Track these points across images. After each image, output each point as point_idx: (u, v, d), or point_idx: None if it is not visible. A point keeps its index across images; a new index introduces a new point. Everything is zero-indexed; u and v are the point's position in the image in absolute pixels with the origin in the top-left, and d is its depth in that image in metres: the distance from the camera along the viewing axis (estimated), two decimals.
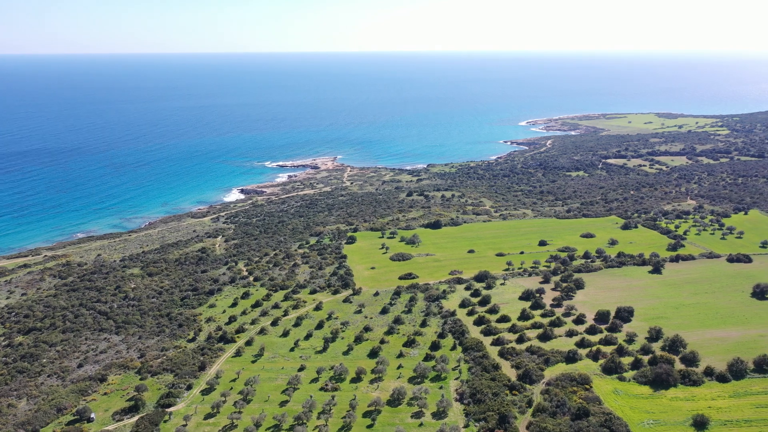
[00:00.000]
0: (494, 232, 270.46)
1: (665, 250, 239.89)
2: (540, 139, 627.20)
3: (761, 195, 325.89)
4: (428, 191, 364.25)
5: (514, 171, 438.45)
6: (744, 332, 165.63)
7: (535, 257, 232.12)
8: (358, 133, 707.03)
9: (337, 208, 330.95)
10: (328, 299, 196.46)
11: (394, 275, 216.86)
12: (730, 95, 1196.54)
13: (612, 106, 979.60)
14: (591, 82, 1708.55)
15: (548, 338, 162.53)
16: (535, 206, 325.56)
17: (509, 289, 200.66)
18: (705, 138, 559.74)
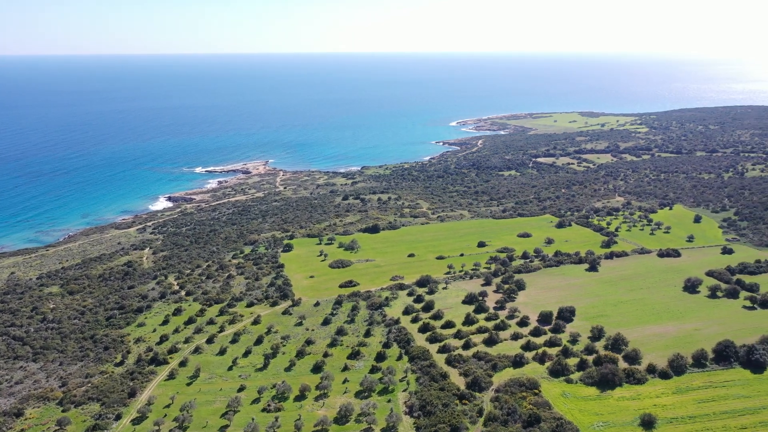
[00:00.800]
0: (433, 235, 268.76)
1: (599, 247, 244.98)
2: (471, 139, 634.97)
3: (683, 190, 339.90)
4: (364, 194, 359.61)
5: (448, 171, 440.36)
6: (680, 327, 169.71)
7: (476, 259, 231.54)
8: (290, 135, 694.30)
9: (272, 214, 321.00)
10: (267, 312, 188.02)
11: (335, 283, 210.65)
12: (645, 94, 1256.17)
13: (538, 105, 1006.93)
14: (518, 82, 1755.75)
15: (494, 343, 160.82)
16: (472, 207, 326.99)
17: (452, 293, 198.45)
18: (627, 136, 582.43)
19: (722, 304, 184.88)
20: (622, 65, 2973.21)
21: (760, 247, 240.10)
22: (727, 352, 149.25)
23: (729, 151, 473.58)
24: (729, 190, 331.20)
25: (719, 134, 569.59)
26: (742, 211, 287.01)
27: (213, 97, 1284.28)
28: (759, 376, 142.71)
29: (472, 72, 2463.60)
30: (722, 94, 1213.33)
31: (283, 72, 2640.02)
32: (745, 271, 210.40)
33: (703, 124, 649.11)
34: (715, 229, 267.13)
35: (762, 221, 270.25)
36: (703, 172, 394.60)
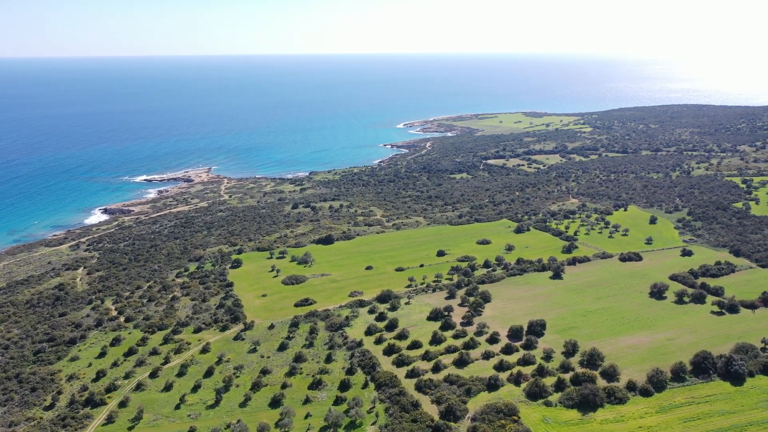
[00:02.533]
0: (390, 245, 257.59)
1: (560, 252, 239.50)
2: (419, 142, 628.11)
3: (635, 191, 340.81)
4: (315, 202, 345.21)
5: (399, 176, 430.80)
6: (652, 337, 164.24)
7: (436, 270, 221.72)
8: (236, 140, 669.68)
9: (217, 226, 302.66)
10: (217, 338, 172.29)
11: (289, 302, 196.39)
12: (585, 94, 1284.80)
13: (483, 106, 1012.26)
14: (463, 83, 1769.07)
15: (465, 363, 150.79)
16: (427, 213, 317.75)
17: (415, 308, 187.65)
18: (573, 136, 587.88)
19: (690, 310, 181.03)
20: (561, 66, 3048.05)
21: (717, 247, 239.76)
22: (706, 364, 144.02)
23: (672, 150, 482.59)
24: (679, 190, 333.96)
25: (661, 133, 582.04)
26: (695, 211, 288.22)
27: (161, 101, 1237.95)
28: (739, 388, 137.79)
29: (416, 73, 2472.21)
30: (658, 93, 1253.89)
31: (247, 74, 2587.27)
32: (707, 273, 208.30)
33: (644, 123, 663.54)
34: (671, 230, 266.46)
35: (715, 221, 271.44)
36: (651, 171, 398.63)
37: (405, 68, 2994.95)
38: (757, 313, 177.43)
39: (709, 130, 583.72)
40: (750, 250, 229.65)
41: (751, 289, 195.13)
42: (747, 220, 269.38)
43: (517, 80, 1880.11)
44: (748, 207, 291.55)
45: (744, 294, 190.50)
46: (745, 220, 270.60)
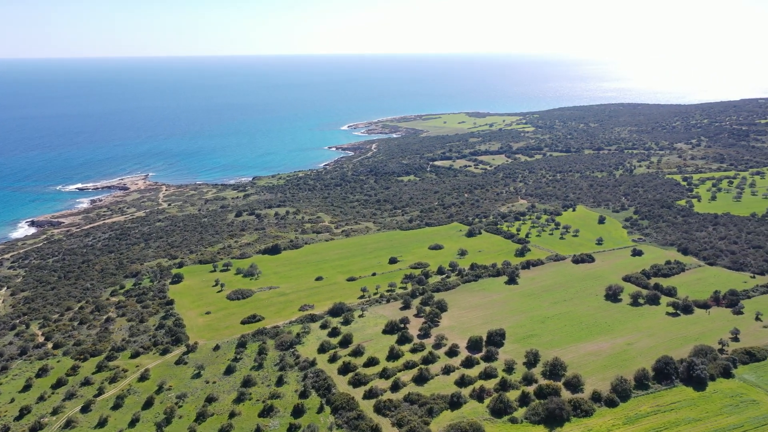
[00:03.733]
0: (340, 253, 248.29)
1: (514, 255, 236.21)
2: (364, 144, 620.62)
3: (581, 190, 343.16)
4: (259, 209, 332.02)
5: (346, 179, 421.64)
6: (612, 342, 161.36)
7: (389, 278, 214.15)
8: (177, 144, 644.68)
9: (156, 237, 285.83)
10: (157, 363, 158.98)
11: (236, 319, 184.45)
12: (526, 93, 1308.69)
13: (427, 106, 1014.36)
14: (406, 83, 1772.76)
15: (425, 380, 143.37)
16: (376, 218, 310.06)
17: (370, 321, 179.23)
18: (517, 136, 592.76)
19: (647, 313, 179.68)
20: (499, 65, 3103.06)
21: (665, 246, 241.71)
22: (668, 370, 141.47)
23: (614, 149, 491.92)
24: (624, 189, 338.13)
25: (601, 132, 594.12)
26: (641, 209, 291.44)
27: (105, 103, 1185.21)
28: (702, 393, 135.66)
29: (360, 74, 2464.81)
30: (594, 92, 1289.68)
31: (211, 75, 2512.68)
32: (659, 273, 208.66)
33: (584, 122, 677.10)
34: (620, 230, 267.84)
35: (661, 219, 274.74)
36: (595, 170, 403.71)
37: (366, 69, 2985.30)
38: (710, 312, 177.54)
39: (647, 128, 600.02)
40: (697, 248, 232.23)
41: (702, 288, 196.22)
42: (691, 218, 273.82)
43: (459, 80, 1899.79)
44: (691, 205, 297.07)
45: (696, 293, 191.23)
46: (690, 217, 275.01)
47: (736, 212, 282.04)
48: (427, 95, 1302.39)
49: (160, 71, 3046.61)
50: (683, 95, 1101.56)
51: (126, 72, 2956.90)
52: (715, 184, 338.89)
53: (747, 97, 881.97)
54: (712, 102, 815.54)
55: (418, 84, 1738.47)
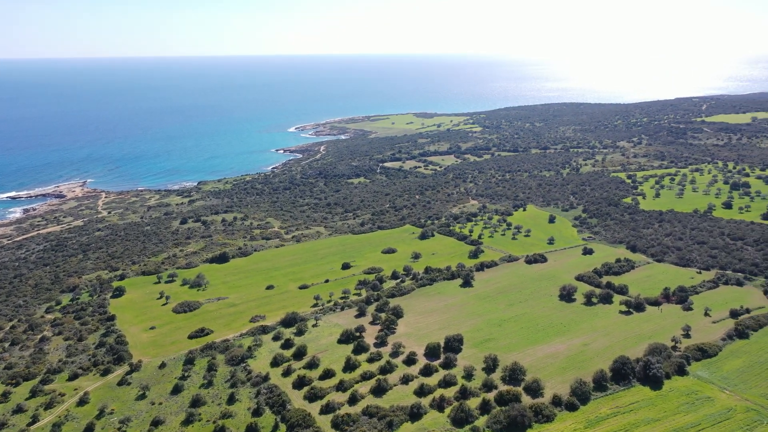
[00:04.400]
0: (291, 259, 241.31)
1: (467, 257, 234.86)
2: (313, 146, 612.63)
3: (530, 189, 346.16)
4: (206, 215, 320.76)
5: (294, 182, 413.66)
6: (569, 343, 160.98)
7: (343, 285, 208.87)
8: (118, 149, 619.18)
9: (95, 248, 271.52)
10: (97, 385, 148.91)
11: (182, 334, 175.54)
12: (471, 94, 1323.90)
13: (375, 107, 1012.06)
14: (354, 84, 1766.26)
15: (384, 391, 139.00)
16: (327, 222, 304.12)
17: (324, 330, 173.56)
18: (465, 136, 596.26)
19: (600, 312, 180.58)
20: (446, 66, 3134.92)
21: (614, 244, 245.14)
22: (625, 370, 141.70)
23: (559, 148, 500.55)
24: (572, 188, 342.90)
25: (546, 131, 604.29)
26: (589, 208, 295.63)
27: (46, 106, 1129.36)
28: (659, 392, 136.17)
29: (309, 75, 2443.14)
30: (538, 92, 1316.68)
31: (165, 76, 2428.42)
32: (610, 272, 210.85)
33: (530, 122, 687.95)
34: (570, 229, 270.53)
35: (609, 217, 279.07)
36: (543, 169, 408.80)
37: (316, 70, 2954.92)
38: (662, 310, 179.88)
39: (590, 127, 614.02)
40: (645, 245, 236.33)
41: (652, 285, 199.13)
42: (638, 215, 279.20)
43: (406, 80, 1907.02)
44: (636, 202, 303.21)
45: (646, 290, 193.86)
46: (636, 215, 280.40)
47: (680, 209, 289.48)
48: (375, 96, 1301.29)
49: (111, 73, 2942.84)
50: (622, 94, 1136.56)
51: (73, 74, 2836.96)
52: (658, 182, 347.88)
53: (682, 96, 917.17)
54: (650, 101, 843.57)
55: (366, 84, 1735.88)
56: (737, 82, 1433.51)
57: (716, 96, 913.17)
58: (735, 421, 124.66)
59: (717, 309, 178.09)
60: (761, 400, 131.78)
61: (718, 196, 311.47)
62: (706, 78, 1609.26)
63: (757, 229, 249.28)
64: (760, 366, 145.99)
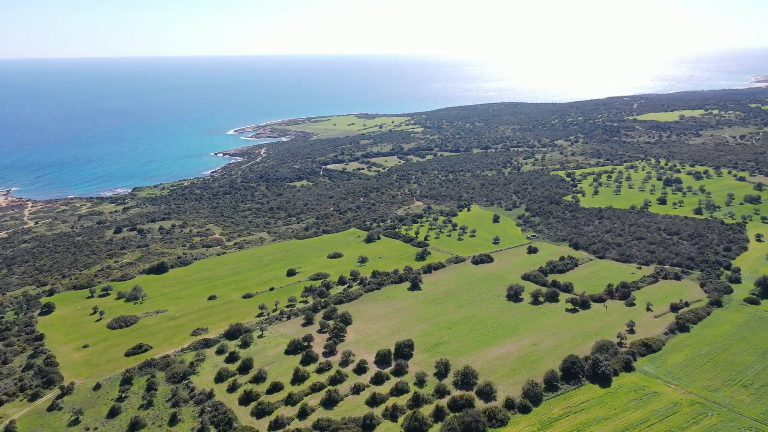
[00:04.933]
0: (234, 267, 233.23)
1: (414, 260, 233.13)
2: (253, 148, 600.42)
3: (474, 189, 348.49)
4: (141, 223, 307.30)
5: (235, 187, 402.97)
6: (518, 344, 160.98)
7: (289, 292, 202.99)
8: (47, 155, 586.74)
9: (21, 261, 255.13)
10: (24, 411, 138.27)
11: (119, 351, 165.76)
12: (412, 94, 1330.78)
13: (315, 109, 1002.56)
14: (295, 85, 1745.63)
15: (334, 402, 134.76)
16: (270, 227, 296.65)
17: (271, 341, 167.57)
18: (407, 137, 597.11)
19: (548, 311, 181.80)
20: (386, 66, 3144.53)
21: (557, 242, 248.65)
22: (575, 369, 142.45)
23: (500, 147, 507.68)
24: (514, 187, 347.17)
25: (487, 131, 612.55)
26: (532, 206, 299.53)
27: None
28: (608, 390, 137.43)
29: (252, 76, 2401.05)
30: (477, 92, 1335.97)
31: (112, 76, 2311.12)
32: (555, 270, 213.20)
33: (470, 122, 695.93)
34: (514, 228, 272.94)
35: (551, 215, 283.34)
36: (485, 169, 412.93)
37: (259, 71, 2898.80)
38: (606, 306, 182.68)
39: (528, 126, 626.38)
40: (586, 242, 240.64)
41: (595, 282, 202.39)
42: (578, 213, 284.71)
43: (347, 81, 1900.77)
44: (577, 200, 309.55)
45: (591, 287, 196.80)
46: (577, 212, 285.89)
47: (618, 205, 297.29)
48: (316, 97, 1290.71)
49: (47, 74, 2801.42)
50: (558, 94, 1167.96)
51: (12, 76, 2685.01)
52: (596, 179, 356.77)
53: (614, 95, 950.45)
54: (584, 100, 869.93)
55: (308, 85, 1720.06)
56: (664, 81, 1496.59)
57: (646, 95, 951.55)
58: (681, 415, 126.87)
59: (658, 303, 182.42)
60: (704, 392, 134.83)
61: (653, 192, 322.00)
62: (635, 77, 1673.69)
63: (690, 223, 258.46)
64: (701, 359, 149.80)
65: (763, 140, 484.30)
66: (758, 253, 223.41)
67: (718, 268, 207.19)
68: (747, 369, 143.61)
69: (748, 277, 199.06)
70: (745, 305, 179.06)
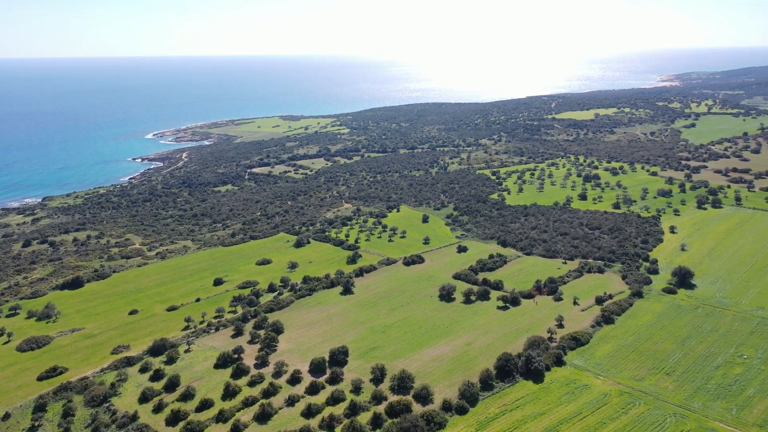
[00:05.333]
0: (156, 279, 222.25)
1: (346, 263, 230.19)
2: (174, 153, 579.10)
3: (402, 190, 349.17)
4: (54, 235, 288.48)
5: (156, 193, 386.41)
6: (453, 344, 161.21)
7: (216, 303, 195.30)
8: None
9: None
10: None
11: (30, 375, 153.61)
12: (338, 95, 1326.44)
13: (239, 111, 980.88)
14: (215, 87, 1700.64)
15: (268, 416, 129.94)
16: (194, 234, 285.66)
17: (198, 355, 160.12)
18: (333, 138, 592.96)
19: (480, 309, 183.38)
20: (312, 67, 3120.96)
21: (486, 240, 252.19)
22: (509, 366, 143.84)
23: (426, 147, 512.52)
24: (442, 186, 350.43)
25: (412, 131, 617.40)
26: (460, 205, 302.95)
27: None
28: (542, 385, 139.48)
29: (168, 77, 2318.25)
30: (402, 92, 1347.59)
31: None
32: (485, 268, 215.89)
33: (396, 123, 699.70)
34: (443, 227, 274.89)
35: (479, 213, 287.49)
36: (412, 169, 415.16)
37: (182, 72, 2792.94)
38: (536, 302, 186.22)
39: (453, 126, 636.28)
40: (514, 239, 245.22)
41: (524, 279, 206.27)
42: (505, 211, 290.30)
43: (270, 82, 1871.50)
44: (503, 198, 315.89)
45: (520, 284, 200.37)
46: (504, 210, 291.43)
47: (542, 202, 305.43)
48: (239, 99, 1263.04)
49: None
50: (479, 93, 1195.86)
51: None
52: (520, 177, 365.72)
53: (533, 95, 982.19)
54: (506, 99, 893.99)
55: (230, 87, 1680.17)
56: (578, 81, 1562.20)
57: (562, 94, 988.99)
58: (611, 406, 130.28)
59: (584, 297, 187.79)
60: (631, 382, 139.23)
61: (573, 189, 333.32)
62: (552, 77, 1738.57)
63: (610, 218, 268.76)
64: (626, 349, 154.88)
65: (671, 136, 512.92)
66: (672, 244, 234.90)
67: (638, 260, 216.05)
68: (669, 357, 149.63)
69: (665, 268, 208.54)
70: (663, 295, 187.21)
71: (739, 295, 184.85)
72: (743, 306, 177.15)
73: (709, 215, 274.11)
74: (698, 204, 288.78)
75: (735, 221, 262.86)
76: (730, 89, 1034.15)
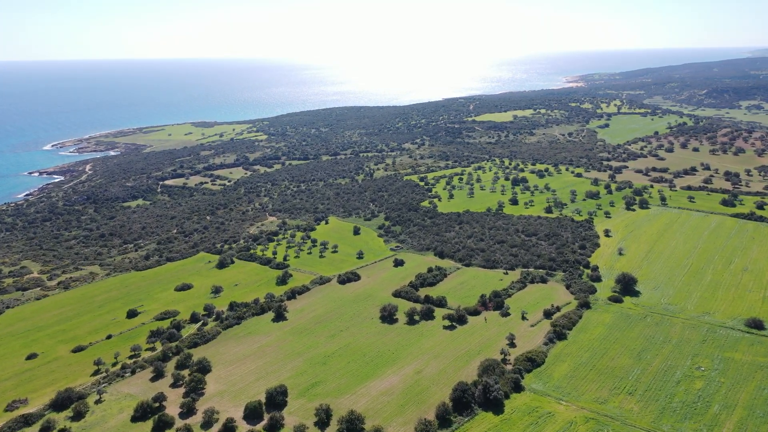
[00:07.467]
0: (59, 313, 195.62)
1: (276, 284, 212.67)
2: (76, 165, 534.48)
3: (329, 200, 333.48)
4: None
5: (56, 211, 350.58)
6: (401, 373, 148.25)
7: (131, 339, 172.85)
8: None
9: None
10: None
11: None
12: (251, 100, 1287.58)
13: (147, 118, 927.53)
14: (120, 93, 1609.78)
15: None
16: (102, 258, 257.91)
17: (112, 407, 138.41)
18: (251, 146, 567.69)
19: (425, 331, 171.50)
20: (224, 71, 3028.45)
21: (422, 251, 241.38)
22: (466, 398, 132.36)
23: (349, 153, 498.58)
24: (370, 194, 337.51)
25: (333, 136, 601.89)
26: (391, 215, 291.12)
27: None
28: (503, 416, 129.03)
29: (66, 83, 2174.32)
30: (318, 96, 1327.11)
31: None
32: (425, 283, 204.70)
33: (315, 128, 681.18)
34: (376, 239, 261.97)
35: (411, 223, 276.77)
36: (337, 177, 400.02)
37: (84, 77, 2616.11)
38: (486, 319, 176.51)
39: (374, 130, 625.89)
40: (451, 250, 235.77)
41: (467, 293, 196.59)
42: (438, 219, 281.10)
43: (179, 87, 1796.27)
44: (434, 205, 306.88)
45: (464, 299, 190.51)
46: (437, 218, 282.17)
47: (474, 208, 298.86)
48: (146, 105, 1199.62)
49: None
50: (396, 96, 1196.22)
51: None
52: (449, 182, 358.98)
53: (450, 97, 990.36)
54: (424, 102, 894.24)
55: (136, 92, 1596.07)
56: (489, 83, 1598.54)
57: (478, 96, 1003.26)
58: None
59: (531, 311, 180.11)
60: (595, 405, 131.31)
61: (503, 193, 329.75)
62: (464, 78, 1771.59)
63: (545, 223, 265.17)
64: (584, 367, 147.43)
65: (588, 137, 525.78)
66: (609, 248, 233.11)
67: (579, 268, 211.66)
68: (628, 374, 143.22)
69: (607, 275, 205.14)
70: (610, 304, 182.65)
71: (683, 301, 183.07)
72: (690, 312, 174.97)
73: (639, 216, 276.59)
74: (627, 205, 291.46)
75: (664, 222, 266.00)
76: (631, 89, 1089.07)
